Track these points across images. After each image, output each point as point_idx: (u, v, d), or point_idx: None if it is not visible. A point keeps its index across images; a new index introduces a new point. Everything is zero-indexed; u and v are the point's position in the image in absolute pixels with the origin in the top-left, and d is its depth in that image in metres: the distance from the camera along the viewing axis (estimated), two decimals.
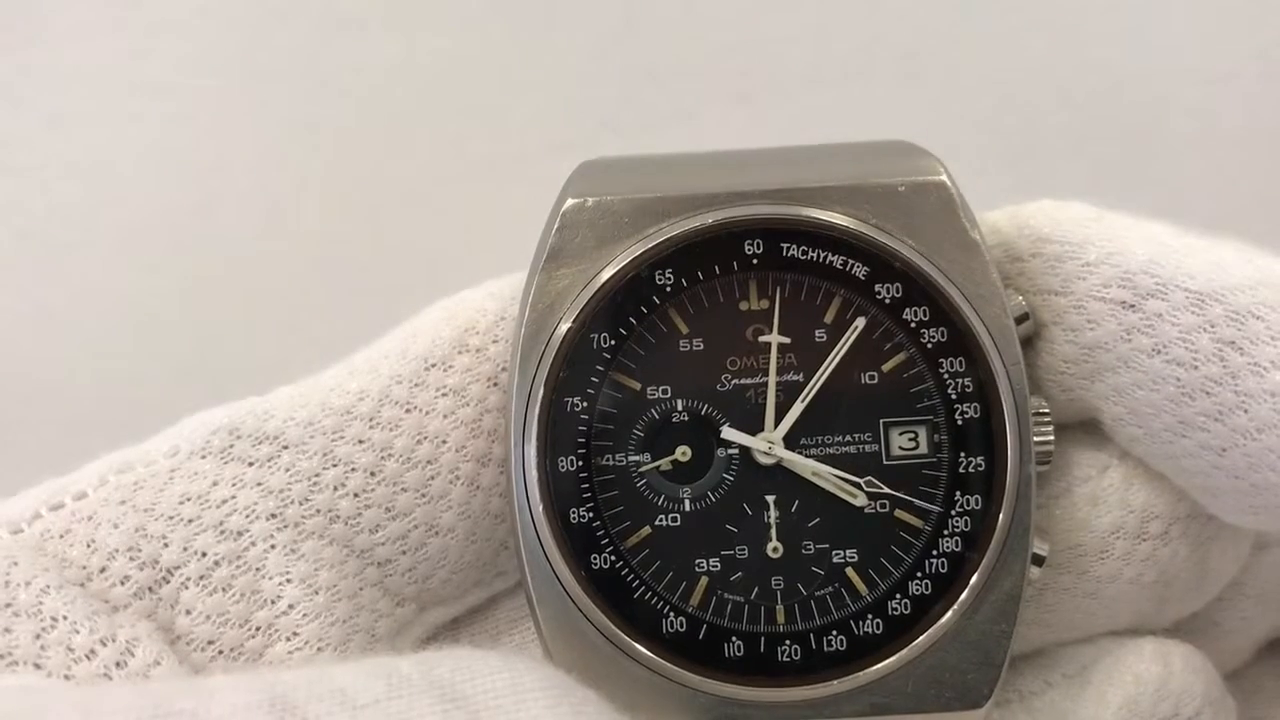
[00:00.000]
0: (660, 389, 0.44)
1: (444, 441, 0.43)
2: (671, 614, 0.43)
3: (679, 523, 0.44)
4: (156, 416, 0.45)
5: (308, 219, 0.77)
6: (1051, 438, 0.44)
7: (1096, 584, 0.46)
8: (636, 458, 0.44)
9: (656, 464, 0.44)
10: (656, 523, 0.44)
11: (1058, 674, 0.47)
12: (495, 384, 0.44)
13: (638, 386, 0.44)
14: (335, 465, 0.42)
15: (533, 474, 0.43)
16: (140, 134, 0.74)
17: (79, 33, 0.73)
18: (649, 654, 0.43)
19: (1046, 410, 0.44)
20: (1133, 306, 0.42)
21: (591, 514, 0.43)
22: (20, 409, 0.72)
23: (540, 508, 0.43)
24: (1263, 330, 0.40)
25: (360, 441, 0.43)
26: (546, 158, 0.48)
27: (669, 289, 0.44)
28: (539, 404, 0.43)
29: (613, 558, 0.43)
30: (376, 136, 0.77)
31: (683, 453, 0.44)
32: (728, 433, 0.44)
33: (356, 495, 0.42)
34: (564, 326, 0.43)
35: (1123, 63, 0.78)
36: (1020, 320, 0.44)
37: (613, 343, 0.44)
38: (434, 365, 0.44)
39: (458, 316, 0.45)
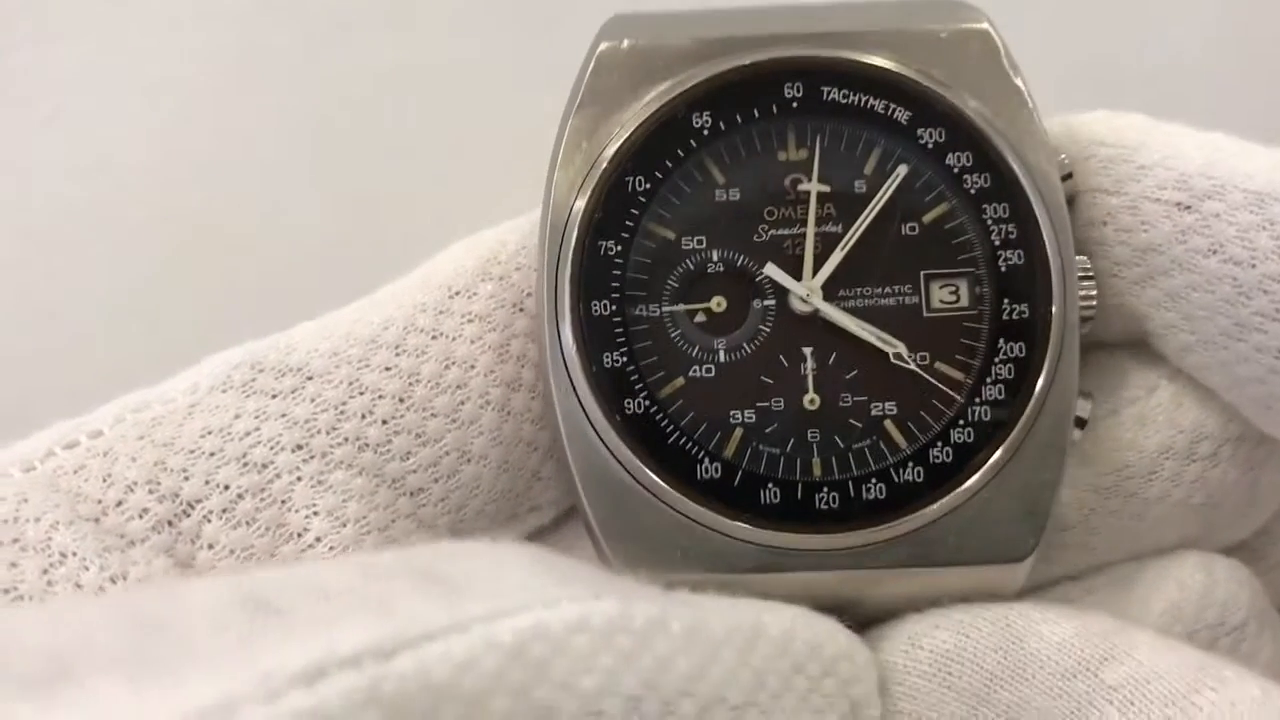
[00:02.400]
0: (695, 239, 0.43)
1: (472, 366, 0.42)
2: (706, 459, 0.42)
3: (713, 374, 0.43)
4: None
5: (308, 218, 0.76)
6: (1094, 294, 0.43)
7: (1144, 505, 0.44)
8: (670, 308, 0.43)
9: (691, 314, 0.43)
10: (690, 374, 0.43)
11: (1100, 580, 0.46)
12: (521, 309, 0.43)
13: (672, 236, 0.43)
14: (362, 393, 0.41)
15: (566, 316, 0.42)
16: (140, 133, 0.73)
17: (79, 32, 0.73)
18: (684, 499, 0.41)
19: (1089, 268, 0.43)
20: (1189, 208, 0.42)
21: (625, 359, 0.42)
22: (20, 409, 0.71)
23: (573, 351, 0.42)
24: None
25: (387, 369, 0.41)
26: (547, 156, 0.48)
27: (706, 132, 0.43)
28: (573, 246, 0.42)
29: (647, 403, 0.42)
30: (377, 135, 0.77)
31: (718, 303, 0.43)
32: (769, 269, 0.43)
33: (385, 422, 0.41)
34: (600, 168, 0.43)
35: (1122, 62, 0.78)
36: (1064, 178, 0.44)
37: (648, 186, 0.43)
38: (458, 293, 0.43)
39: (479, 247, 0.44)
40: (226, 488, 0.40)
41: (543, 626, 0.29)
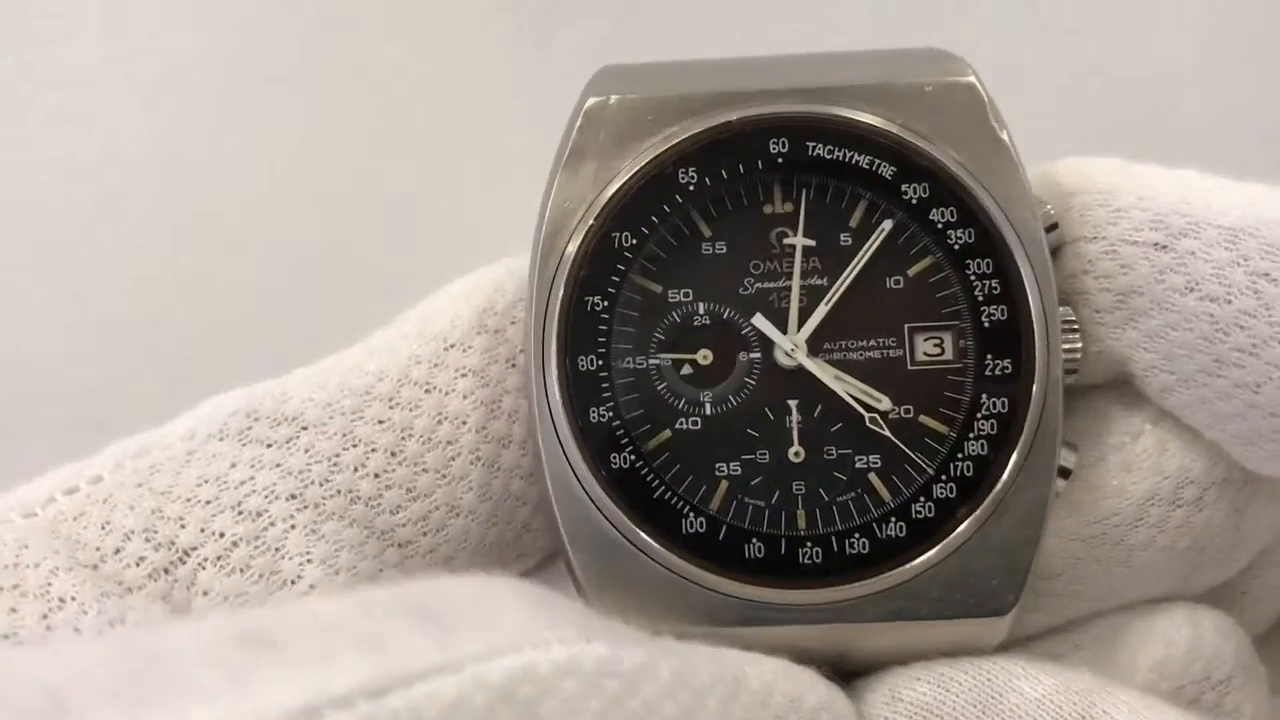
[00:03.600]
0: (682, 292, 0.44)
1: (464, 422, 0.43)
2: (691, 514, 0.43)
3: (699, 426, 0.43)
4: (157, 416, 0.44)
5: (309, 218, 0.76)
6: (1079, 345, 0.44)
7: (1129, 552, 0.45)
8: (657, 360, 0.44)
9: (678, 366, 0.44)
10: (677, 426, 0.43)
11: (1087, 636, 0.47)
12: (513, 365, 0.44)
13: (659, 289, 0.44)
14: (355, 446, 0.42)
15: (553, 373, 0.42)
16: (140, 133, 0.74)
17: (79, 32, 0.73)
18: (668, 554, 0.42)
19: (1074, 319, 0.44)
20: (1165, 247, 0.42)
21: (611, 414, 0.43)
22: (20, 409, 0.72)
23: (560, 407, 0.42)
24: None
25: (380, 422, 0.42)
26: (548, 156, 0.48)
27: (692, 188, 0.44)
28: (559, 302, 0.43)
29: (632, 458, 0.43)
30: (378, 134, 0.77)
31: (704, 356, 0.44)
32: (757, 320, 0.44)
33: (377, 476, 0.42)
34: (585, 225, 0.43)
35: (1122, 63, 0.78)
36: (1049, 229, 0.44)
37: (634, 242, 0.43)
38: (453, 346, 0.43)
39: (475, 296, 0.45)
40: (222, 535, 0.40)
41: (532, 668, 0.30)
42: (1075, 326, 0.44)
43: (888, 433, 0.43)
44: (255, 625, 0.30)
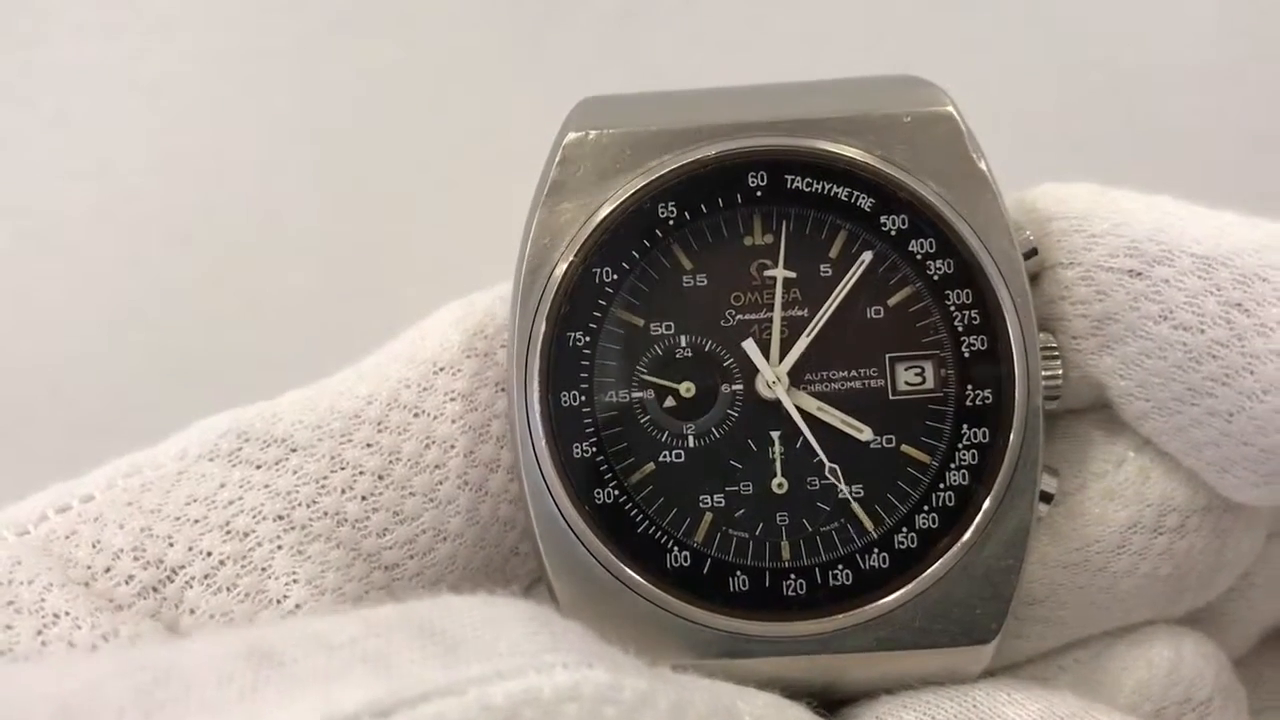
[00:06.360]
0: (663, 325, 0.44)
1: (452, 446, 0.43)
2: (676, 548, 0.43)
3: (683, 459, 0.44)
4: (157, 417, 0.44)
5: (309, 219, 0.76)
6: (1060, 372, 0.44)
7: (1112, 578, 0.45)
8: (640, 394, 0.44)
9: (660, 399, 0.44)
10: (660, 459, 0.44)
11: (1070, 659, 0.47)
12: (502, 389, 0.44)
13: (640, 323, 0.44)
14: (343, 468, 0.42)
15: (535, 408, 0.43)
16: (140, 134, 0.74)
17: (79, 33, 0.73)
18: (653, 588, 0.42)
19: (1054, 345, 0.44)
20: (1140, 274, 0.42)
21: (595, 449, 0.43)
22: (20, 410, 0.72)
23: (543, 442, 0.42)
24: (1269, 292, 0.40)
25: (368, 445, 0.42)
26: (544, 157, 0.48)
27: (671, 222, 0.44)
28: (540, 338, 0.43)
29: (616, 493, 0.43)
30: (377, 136, 0.77)
31: (687, 389, 0.44)
32: (746, 345, 0.44)
33: (364, 498, 0.42)
34: (566, 261, 0.43)
35: (1121, 62, 0.78)
36: (1028, 255, 0.44)
37: (615, 277, 0.44)
38: (442, 369, 0.44)
39: (467, 320, 0.45)
40: (209, 554, 0.41)
41: (535, 692, 0.30)
42: (1055, 353, 0.44)
43: (842, 485, 0.43)
44: (262, 642, 0.31)
